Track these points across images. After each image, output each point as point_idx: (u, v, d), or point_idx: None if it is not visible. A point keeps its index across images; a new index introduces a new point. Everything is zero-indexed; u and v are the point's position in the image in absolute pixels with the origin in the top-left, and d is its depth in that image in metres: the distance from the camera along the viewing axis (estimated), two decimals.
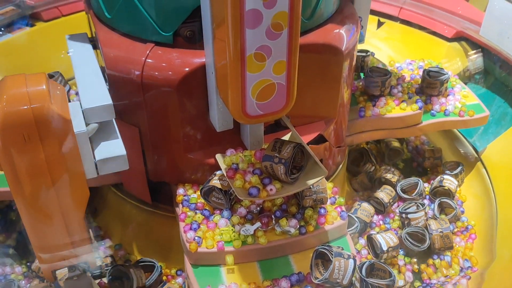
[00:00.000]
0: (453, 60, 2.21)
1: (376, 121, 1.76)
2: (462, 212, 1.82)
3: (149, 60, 1.26)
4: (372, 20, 2.41)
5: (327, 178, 1.65)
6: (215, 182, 1.30)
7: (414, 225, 1.68)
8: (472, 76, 2.17)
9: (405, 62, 2.08)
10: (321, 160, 1.47)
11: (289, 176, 1.19)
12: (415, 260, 1.68)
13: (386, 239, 1.59)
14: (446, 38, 2.30)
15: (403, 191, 1.83)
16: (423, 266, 1.66)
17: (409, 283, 1.61)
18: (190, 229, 1.29)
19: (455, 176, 1.88)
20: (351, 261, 1.22)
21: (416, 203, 1.76)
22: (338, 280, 1.21)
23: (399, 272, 1.62)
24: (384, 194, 1.79)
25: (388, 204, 1.77)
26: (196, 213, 1.34)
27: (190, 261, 1.28)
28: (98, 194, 1.78)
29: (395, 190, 1.82)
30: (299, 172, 1.23)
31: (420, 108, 1.77)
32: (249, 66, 1.03)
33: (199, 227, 1.30)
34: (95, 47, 1.53)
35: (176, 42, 1.28)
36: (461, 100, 1.88)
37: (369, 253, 1.64)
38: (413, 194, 1.81)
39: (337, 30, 1.41)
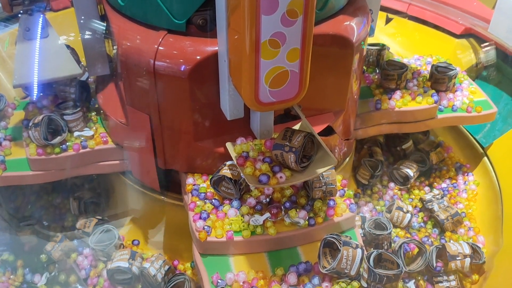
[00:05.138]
0: (461, 56, 2.21)
1: (392, 114, 1.76)
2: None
3: (162, 48, 1.27)
4: (381, 16, 2.41)
5: (335, 169, 1.65)
6: (225, 171, 1.30)
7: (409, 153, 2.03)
8: (481, 70, 2.17)
9: (413, 57, 2.08)
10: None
11: (299, 164, 1.19)
12: (423, 178, 1.99)
13: (410, 168, 1.89)
14: (455, 35, 2.30)
15: None
16: (431, 179, 2.00)
17: (431, 194, 1.87)
18: (200, 218, 1.29)
19: None
20: (359, 250, 1.22)
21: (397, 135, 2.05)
22: (346, 270, 1.21)
23: (419, 190, 1.93)
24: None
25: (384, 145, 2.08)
26: (205, 202, 1.34)
27: (199, 250, 1.28)
28: (107, 181, 1.79)
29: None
30: (309, 161, 1.23)
31: (435, 102, 1.77)
32: (263, 52, 1.04)
33: (208, 216, 1.30)
34: (106, 36, 1.54)
35: (188, 30, 1.28)
36: (469, 96, 1.88)
37: (396, 185, 1.92)
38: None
39: (348, 22, 1.41)
